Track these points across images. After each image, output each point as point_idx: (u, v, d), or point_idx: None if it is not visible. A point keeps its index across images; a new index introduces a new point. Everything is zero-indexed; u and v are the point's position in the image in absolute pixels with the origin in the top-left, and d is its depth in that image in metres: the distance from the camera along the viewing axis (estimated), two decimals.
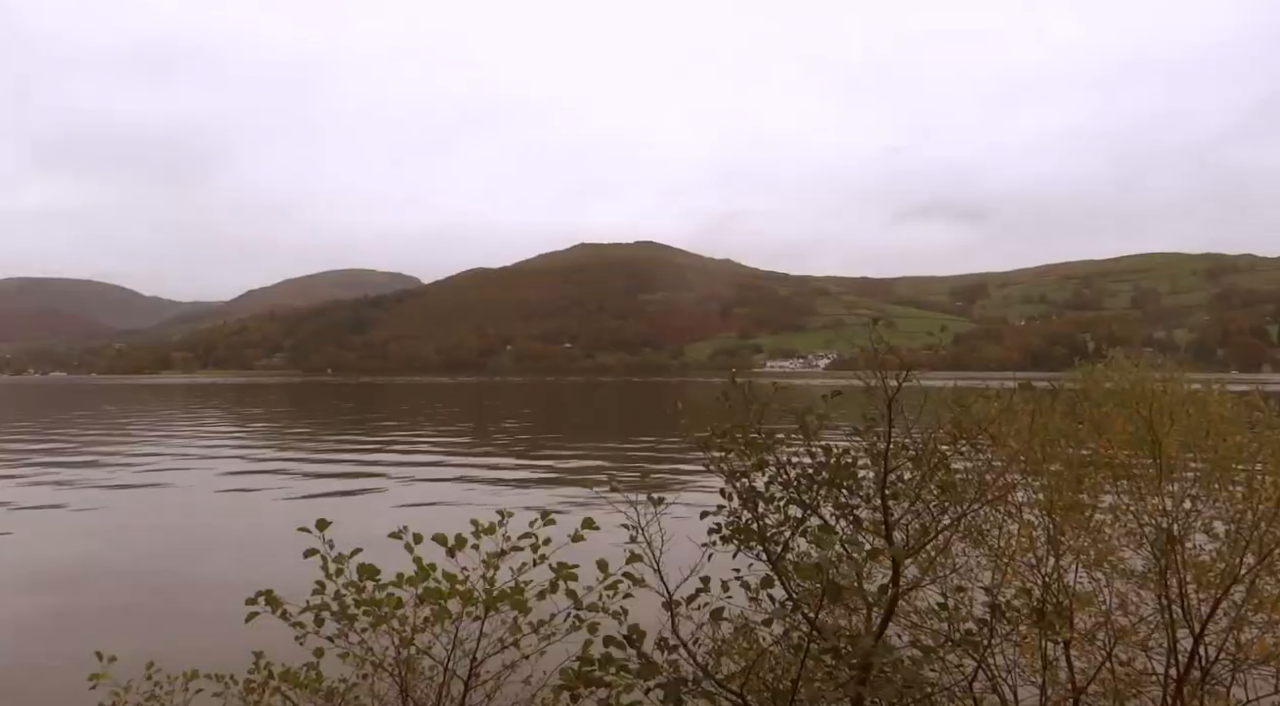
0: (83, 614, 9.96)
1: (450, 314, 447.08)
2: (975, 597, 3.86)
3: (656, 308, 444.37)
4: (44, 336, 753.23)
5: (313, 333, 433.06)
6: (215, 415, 53.11)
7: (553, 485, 20.11)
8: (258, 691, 3.53)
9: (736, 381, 3.77)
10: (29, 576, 11.73)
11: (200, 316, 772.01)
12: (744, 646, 3.50)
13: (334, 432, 37.65)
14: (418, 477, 21.57)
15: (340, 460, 25.98)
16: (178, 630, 9.20)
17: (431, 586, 3.38)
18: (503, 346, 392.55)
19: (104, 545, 13.85)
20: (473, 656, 3.41)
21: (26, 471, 23.58)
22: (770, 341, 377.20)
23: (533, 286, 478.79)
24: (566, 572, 3.26)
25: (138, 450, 29.91)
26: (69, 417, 50.96)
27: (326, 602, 3.41)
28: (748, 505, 3.59)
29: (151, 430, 40.16)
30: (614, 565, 3.33)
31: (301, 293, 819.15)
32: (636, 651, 2.98)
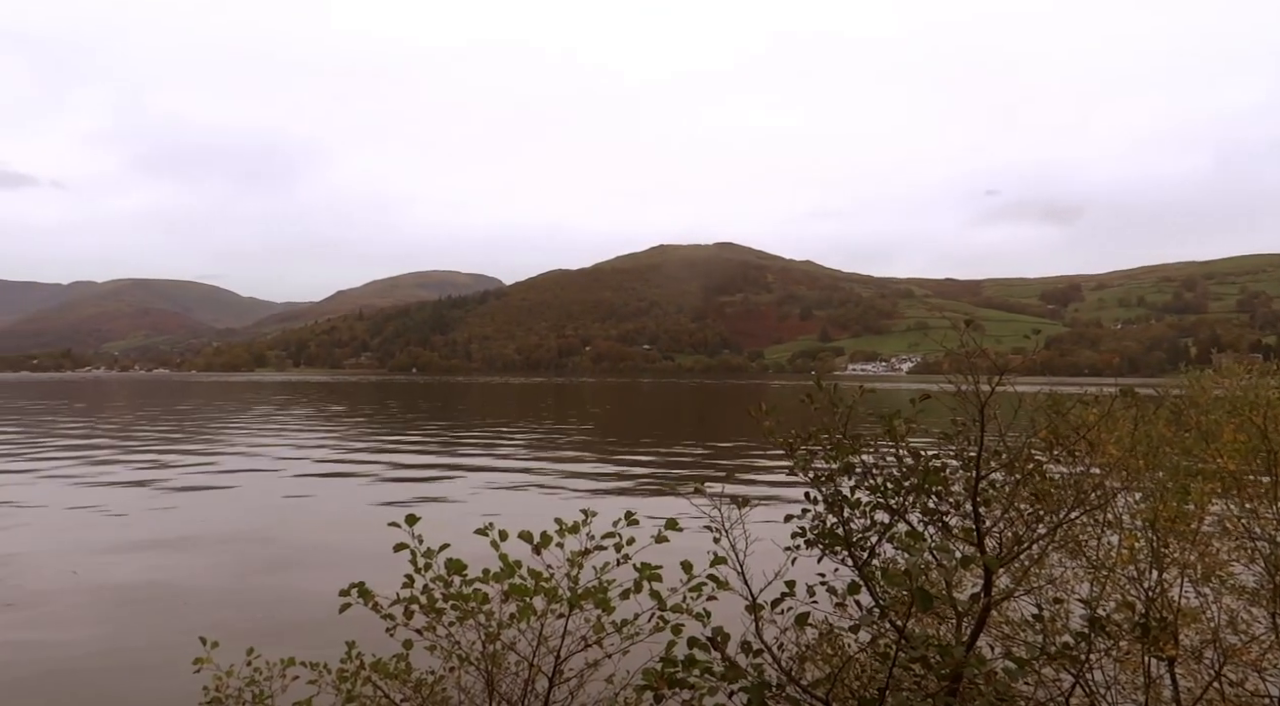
0: (184, 600, 10.42)
1: (530, 314, 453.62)
2: (1072, 610, 3.72)
3: (735, 309, 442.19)
4: (149, 334, 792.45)
5: (397, 332, 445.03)
6: (305, 411, 54.97)
7: (635, 485, 20.18)
8: (350, 680, 3.64)
9: (821, 384, 3.72)
10: (133, 557, 12.32)
11: (293, 316, 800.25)
12: (829, 652, 3.45)
13: (419, 430, 38.53)
14: (499, 475, 21.91)
15: (425, 457, 26.56)
16: (274, 618, 9.55)
17: (517, 583, 3.43)
18: (581, 347, 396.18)
19: (202, 534, 14.44)
20: (557, 653, 3.44)
21: (133, 459, 24.80)
22: (852, 344, 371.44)
23: (611, 287, 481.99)
24: (650, 573, 3.26)
25: (233, 443, 31.16)
26: (173, 411, 53.49)
27: (415, 596, 3.49)
28: (833, 509, 3.54)
29: (245, 425, 41.77)
30: (697, 567, 3.33)
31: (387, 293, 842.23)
32: (720, 654, 2.96)
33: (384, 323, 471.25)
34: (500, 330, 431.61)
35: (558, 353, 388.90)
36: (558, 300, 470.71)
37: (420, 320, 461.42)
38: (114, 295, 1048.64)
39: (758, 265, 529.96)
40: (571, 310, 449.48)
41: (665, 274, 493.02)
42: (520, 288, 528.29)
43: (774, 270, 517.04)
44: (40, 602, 10.30)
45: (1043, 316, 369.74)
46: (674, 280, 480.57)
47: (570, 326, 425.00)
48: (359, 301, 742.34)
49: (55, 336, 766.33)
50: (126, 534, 14.53)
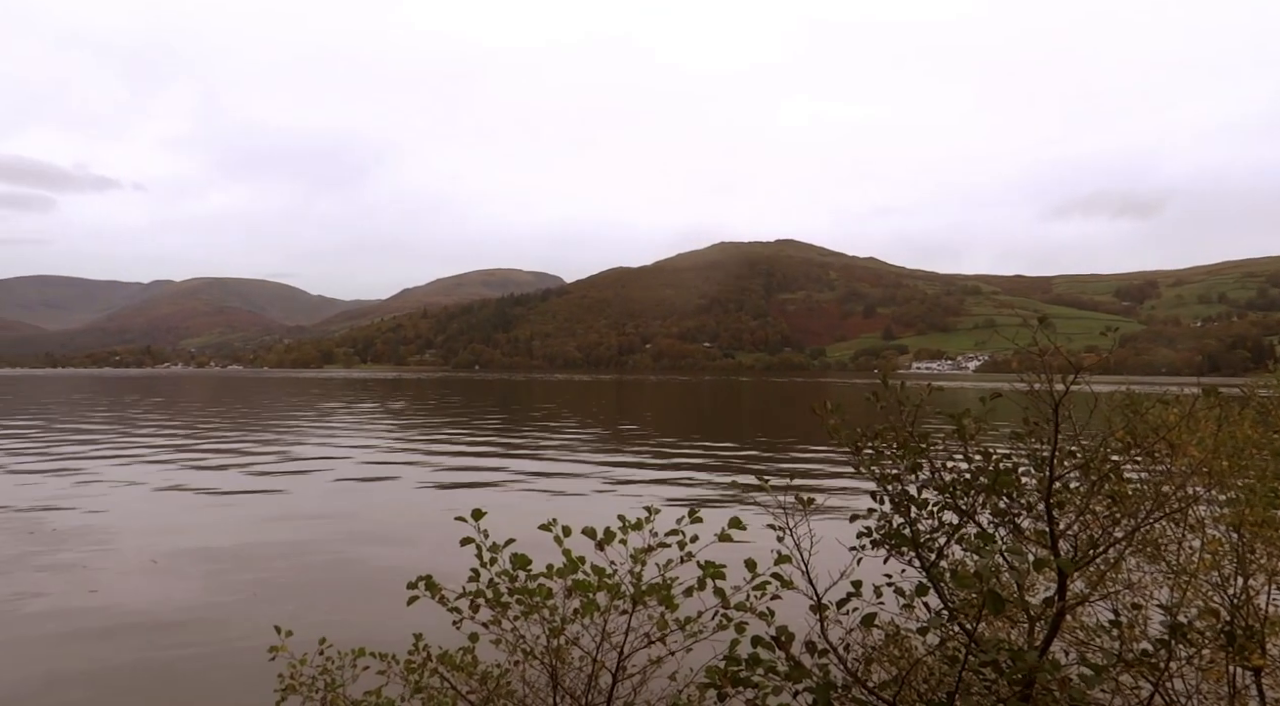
0: (258, 590, 10.74)
1: (591, 312, 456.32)
2: (1151, 616, 3.60)
3: (796, 307, 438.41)
4: (224, 332, 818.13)
5: (461, 330, 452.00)
6: (370, 407, 56.13)
7: (696, 483, 20.15)
8: (417, 671, 3.71)
9: (887, 381, 3.66)
10: (206, 553, 12.73)
11: (360, 313, 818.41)
12: (895, 655, 3.40)
13: (481, 426, 39.05)
14: (561, 472, 22.08)
15: (488, 452, 26.91)
16: (344, 608, 9.78)
17: (580, 579, 3.45)
18: (642, 344, 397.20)
19: (275, 526, 14.86)
20: (620, 649, 3.46)
21: (202, 455, 25.63)
22: (916, 342, 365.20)
23: (672, 285, 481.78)
24: (714, 571, 3.25)
25: (301, 438, 31.98)
26: (247, 406, 55.18)
27: (481, 590, 3.54)
28: (900, 509, 3.48)
29: (313, 420, 42.83)
30: (761, 566, 3.31)
31: (451, 291, 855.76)
32: (785, 653, 2.94)
33: (448, 320, 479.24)
34: (561, 328, 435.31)
35: (618, 350, 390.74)
36: (618, 297, 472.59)
37: (483, 318, 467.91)
38: (192, 294, 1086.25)
39: (820, 262, 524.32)
40: (632, 308, 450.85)
41: (726, 271, 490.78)
42: (581, 285, 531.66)
43: (836, 267, 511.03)
44: (123, 589, 10.72)
45: (1117, 314, 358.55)
46: (735, 277, 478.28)
47: (630, 324, 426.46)
48: (424, 299, 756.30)
49: (137, 333, 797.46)
50: (206, 526, 15.03)
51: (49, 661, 8.13)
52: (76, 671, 7.87)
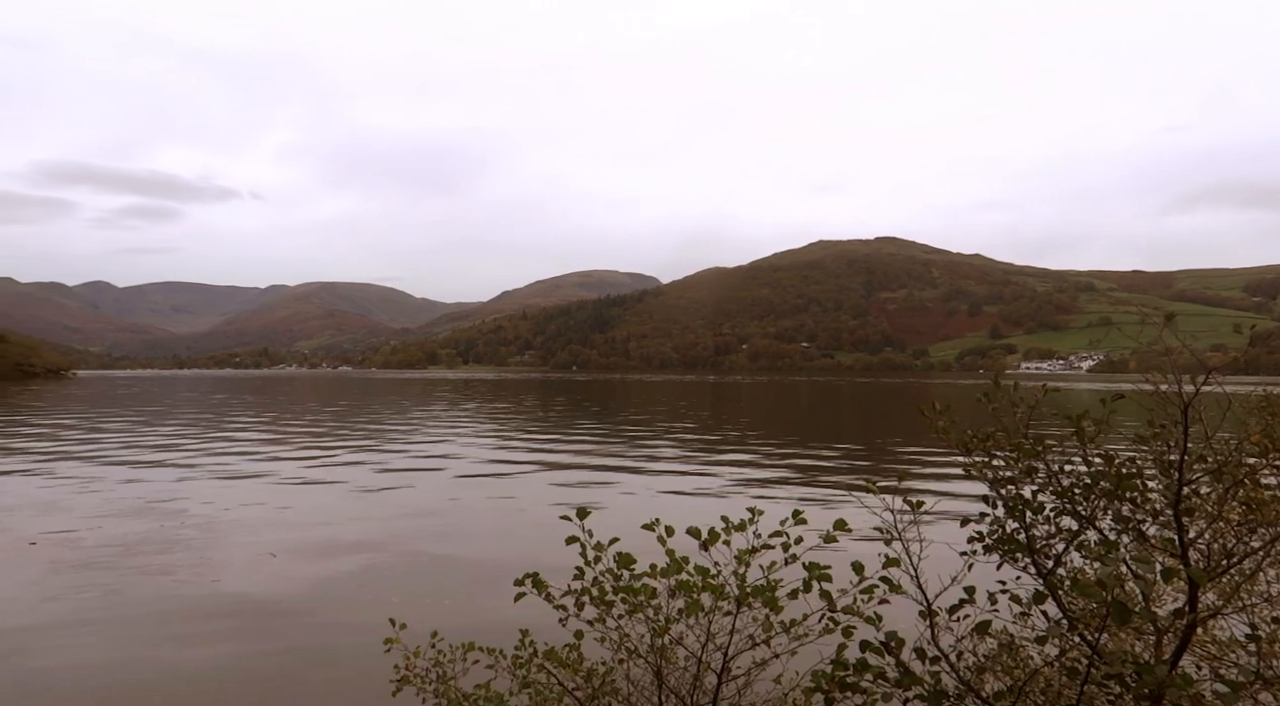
0: (370, 583, 11.14)
1: (687, 313, 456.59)
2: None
3: (898, 305, 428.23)
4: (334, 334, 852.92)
5: (559, 331, 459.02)
6: (473, 406, 57.51)
7: (799, 484, 19.90)
8: (524, 666, 3.78)
9: (999, 381, 3.55)
10: (320, 546, 13.27)
11: (462, 315, 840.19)
12: (1010, 664, 3.28)
13: (581, 426, 39.51)
14: (661, 472, 22.14)
15: (587, 452, 27.20)
16: (452, 603, 10.05)
17: (684, 579, 3.46)
18: (738, 345, 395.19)
19: (387, 521, 15.39)
20: (724, 650, 3.45)
21: (317, 453, 26.73)
22: (1025, 341, 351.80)
23: (769, 285, 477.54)
24: (820, 573, 3.21)
25: (412, 437, 32.99)
26: (357, 406, 57.37)
27: (587, 588, 3.58)
28: (1014, 514, 3.37)
29: (421, 419, 44.12)
30: (867, 569, 3.25)
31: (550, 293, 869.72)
32: (895, 659, 2.88)
33: (546, 322, 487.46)
34: (657, 328, 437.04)
35: (714, 350, 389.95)
36: (714, 298, 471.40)
37: (580, 319, 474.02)
38: (305, 298, 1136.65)
39: (922, 260, 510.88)
40: (728, 308, 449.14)
41: (824, 270, 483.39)
42: (677, 286, 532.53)
43: (939, 264, 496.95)
44: (242, 579, 11.28)
45: (1246, 311, 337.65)
46: (833, 276, 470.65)
47: (727, 324, 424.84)
48: (523, 301, 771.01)
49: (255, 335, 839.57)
50: (327, 516, 15.69)
51: (168, 646, 8.62)
52: (196, 657, 8.32)
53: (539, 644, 3.88)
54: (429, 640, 3.97)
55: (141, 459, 25.30)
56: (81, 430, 36.70)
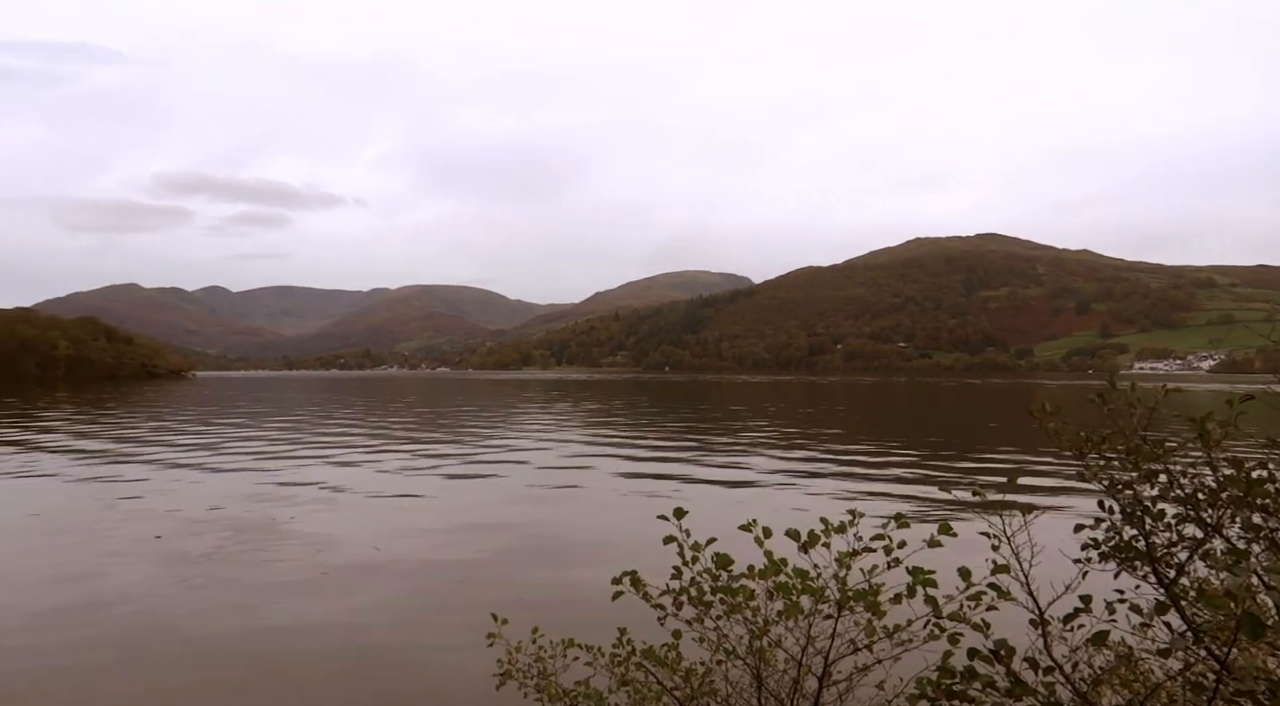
0: (470, 577, 11.41)
1: (780, 313, 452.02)
2: None
3: (1000, 304, 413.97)
4: (433, 335, 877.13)
5: (651, 332, 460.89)
6: (568, 406, 58.25)
7: (899, 487, 19.47)
8: (622, 664, 3.81)
9: (1115, 382, 3.39)
10: (422, 540, 13.64)
11: (555, 317, 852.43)
12: (1128, 677, 3.14)
13: (676, 425, 39.55)
14: (757, 472, 21.98)
15: (684, 451, 27.22)
16: (550, 599, 10.20)
17: (783, 581, 3.42)
18: (833, 345, 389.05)
19: (485, 516, 15.73)
20: (825, 654, 3.39)
21: (417, 451, 27.50)
22: (1138, 340, 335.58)
23: (864, 284, 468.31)
24: (924, 577, 3.12)
25: (509, 435, 33.63)
26: (456, 405, 58.87)
27: (685, 587, 3.58)
28: (1131, 520, 3.21)
29: (518, 418, 44.93)
30: (975, 575, 3.15)
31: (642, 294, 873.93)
32: (1005, 668, 2.78)
33: (638, 322, 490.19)
34: (750, 328, 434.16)
35: (808, 351, 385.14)
36: (808, 298, 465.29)
37: (673, 320, 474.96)
38: (405, 301, 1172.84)
39: (1026, 256, 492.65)
40: (822, 307, 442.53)
41: (922, 268, 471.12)
42: (769, 286, 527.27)
43: (1044, 261, 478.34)
44: (348, 570, 11.70)
45: None
46: (931, 274, 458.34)
47: (821, 324, 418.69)
48: (615, 302, 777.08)
49: (358, 338, 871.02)
50: (422, 514, 16.15)
51: (278, 634, 9.00)
52: (301, 646, 8.66)
53: (636, 642, 3.90)
54: (529, 636, 4.04)
55: (257, 455, 26.51)
56: (202, 427, 38.72)
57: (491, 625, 3.96)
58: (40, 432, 35.62)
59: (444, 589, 10.89)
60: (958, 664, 2.96)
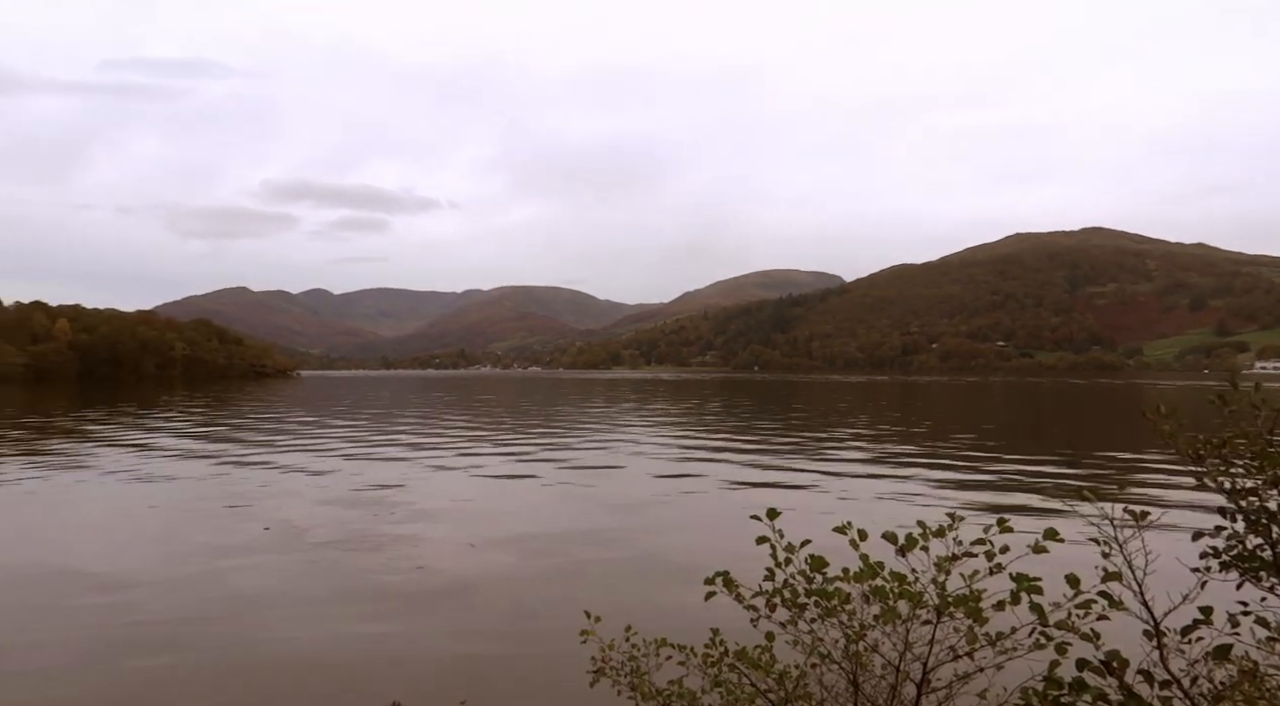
0: (565, 573, 11.56)
1: (872, 311, 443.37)
2: None
3: (1106, 301, 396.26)
4: (525, 335, 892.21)
5: (740, 331, 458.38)
6: (661, 406, 58.40)
7: (1000, 490, 18.88)
8: (715, 665, 3.78)
9: (1237, 383, 3.21)
10: (516, 538, 13.88)
11: (644, 316, 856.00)
12: (1253, 694, 2.97)
13: (769, 426, 39.24)
14: (851, 474, 21.63)
15: (777, 452, 26.99)
16: (641, 597, 10.26)
17: (879, 585, 3.35)
18: (927, 344, 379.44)
19: (581, 515, 15.92)
20: (924, 661, 3.31)
21: (514, 449, 27.99)
22: (1259, 338, 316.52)
23: (960, 281, 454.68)
24: (1029, 584, 3.01)
25: (603, 435, 33.94)
26: (550, 405, 59.80)
27: (778, 589, 3.54)
28: (1256, 528, 3.03)
29: (612, 418, 45.29)
30: (1084, 583, 3.02)
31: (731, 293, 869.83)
32: (1118, 680, 2.66)
33: (727, 322, 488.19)
34: (841, 327, 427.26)
35: (901, 350, 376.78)
36: (901, 296, 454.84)
37: (762, 319, 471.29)
38: (498, 301, 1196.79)
39: (1134, 251, 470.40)
40: (916, 306, 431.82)
41: (1022, 264, 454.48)
42: (861, 284, 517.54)
43: (1155, 255, 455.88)
44: (443, 567, 11.99)
45: None
46: (1032, 271, 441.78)
47: (915, 323, 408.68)
48: (704, 302, 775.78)
49: (453, 338, 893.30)
50: (522, 510, 16.45)
51: (376, 624, 9.28)
52: (399, 636, 8.91)
53: (729, 643, 3.87)
54: (622, 634, 4.06)
55: (358, 452, 27.45)
56: (307, 425, 40.29)
57: (584, 622, 3.99)
58: (160, 429, 37.69)
59: (535, 585, 11.06)
60: (1065, 675, 2.85)
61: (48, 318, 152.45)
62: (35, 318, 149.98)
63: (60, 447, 28.92)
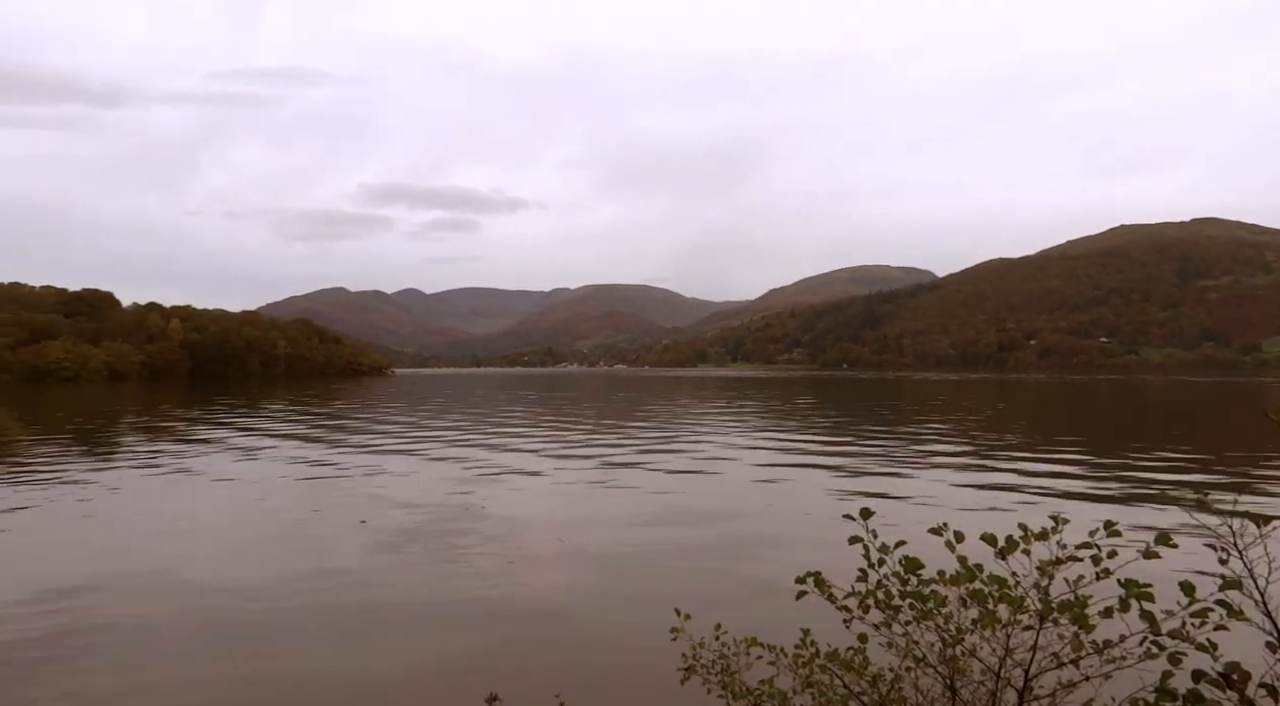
0: (652, 569, 11.61)
1: (965, 307, 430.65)
2: None
3: (1220, 295, 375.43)
4: (611, 334, 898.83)
5: (828, 328, 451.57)
6: (748, 404, 58.04)
7: (1106, 492, 18.12)
8: (806, 666, 3.74)
9: None
10: (606, 536, 13.98)
11: (730, 314, 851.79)
12: None
13: (863, 425, 38.59)
14: (948, 474, 21.08)
15: (872, 452, 26.52)
16: (729, 596, 10.22)
17: (977, 588, 3.26)
18: (1025, 341, 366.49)
19: (670, 514, 15.95)
20: (1026, 668, 3.20)
21: (606, 450, 28.22)
22: None
23: (1060, 275, 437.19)
24: (1139, 591, 2.88)
25: (694, 435, 33.93)
26: (639, 402, 60.14)
27: (871, 590, 3.48)
28: None
29: (702, 417, 45.24)
30: (1200, 591, 2.86)
31: (818, 290, 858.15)
32: (1239, 695, 2.52)
33: (815, 319, 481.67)
34: (933, 324, 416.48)
35: (997, 347, 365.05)
36: (996, 291, 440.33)
37: (851, 315, 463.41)
38: (584, 300, 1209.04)
39: (1252, 242, 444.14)
40: (1013, 301, 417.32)
41: (1127, 257, 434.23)
42: (955, 279, 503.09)
43: (1275, 246, 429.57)
44: (534, 563, 12.17)
45: None
46: (1137, 264, 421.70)
47: (1011, 318, 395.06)
48: (791, 298, 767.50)
49: (541, 336, 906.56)
50: (609, 508, 16.58)
51: (465, 622, 9.47)
52: (492, 631, 9.08)
53: (820, 644, 3.82)
54: (712, 632, 4.06)
55: (450, 445, 28.12)
56: (402, 421, 41.48)
57: (674, 619, 3.99)
58: (266, 425, 39.36)
59: (625, 581, 11.12)
60: (1180, 686, 2.71)
61: (162, 318, 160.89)
62: (151, 318, 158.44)
63: (178, 442, 30.52)
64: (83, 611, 9.74)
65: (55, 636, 8.83)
